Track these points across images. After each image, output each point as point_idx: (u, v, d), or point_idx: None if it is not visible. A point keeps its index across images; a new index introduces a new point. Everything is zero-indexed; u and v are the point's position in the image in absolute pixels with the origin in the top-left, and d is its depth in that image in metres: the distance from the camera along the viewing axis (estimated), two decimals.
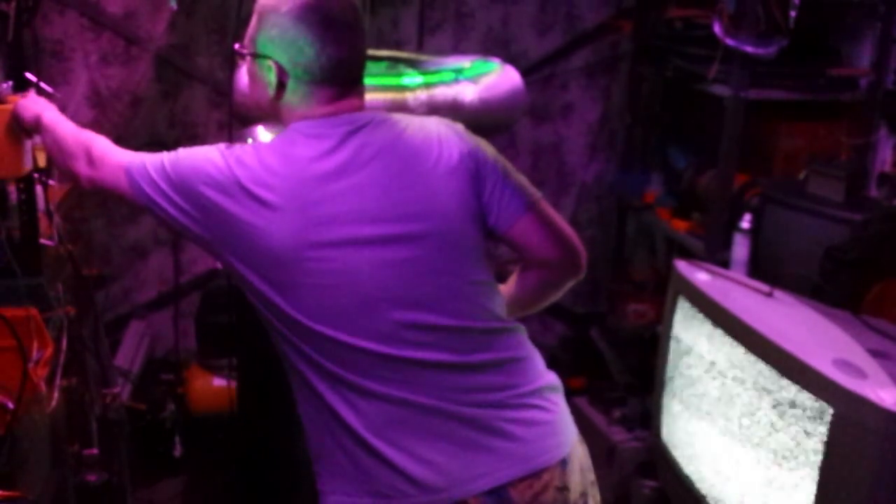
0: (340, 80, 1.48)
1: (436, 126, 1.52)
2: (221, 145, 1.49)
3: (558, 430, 1.52)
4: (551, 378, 1.57)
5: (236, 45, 1.53)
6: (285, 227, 1.40)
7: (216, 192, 1.42)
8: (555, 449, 1.50)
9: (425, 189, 1.46)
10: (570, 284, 1.63)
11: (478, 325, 1.48)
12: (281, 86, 1.46)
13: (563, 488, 1.49)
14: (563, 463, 1.50)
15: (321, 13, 1.44)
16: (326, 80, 1.46)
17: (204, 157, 1.46)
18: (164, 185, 1.46)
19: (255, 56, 1.49)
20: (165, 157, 1.49)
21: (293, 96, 1.47)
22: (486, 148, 1.53)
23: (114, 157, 1.55)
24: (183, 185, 1.45)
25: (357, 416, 1.44)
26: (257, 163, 1.43)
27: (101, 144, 1.59)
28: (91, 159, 1.57)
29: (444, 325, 1.45)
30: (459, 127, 1.55)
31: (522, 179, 1.54)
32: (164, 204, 1.46)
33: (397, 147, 1.47)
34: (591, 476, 1.60)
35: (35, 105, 1.75)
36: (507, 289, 1.64)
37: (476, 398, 1.46)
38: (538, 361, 1.57)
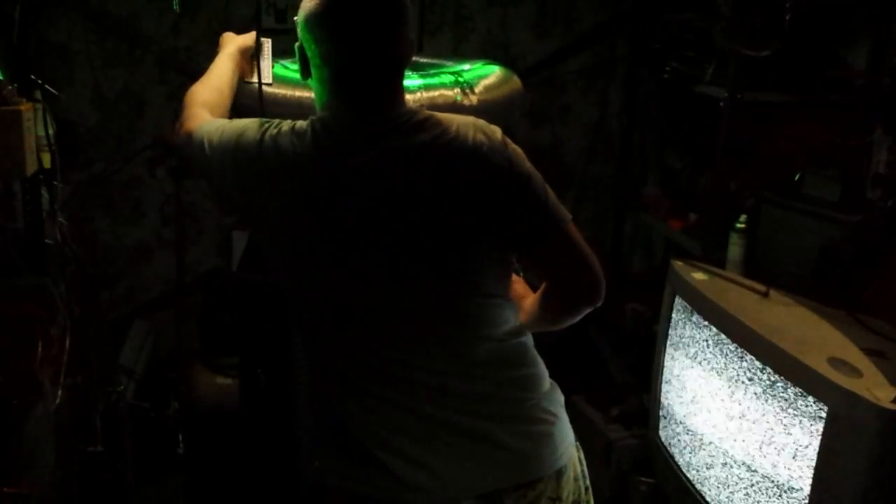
0: None
1: (472, 133, 1.42)
2: None
3: (557, 443, 1.52)
4: (553, 388, 1.57)
5: None
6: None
7: None
8: (552, 461, 1.50)
9: (448, 201, 1.41)
10: (586, 311, 1.54)
11: (484, 336, 1.47)
12: None
13: (556, 499, 1.49)
14: (559, 474, 1.51)
15: None
16: None
17: None
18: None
19: None
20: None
21: None
22: (523, 162, 1.44)
23: None
24: None
25: (358, 415, 1.46)
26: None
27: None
28: None
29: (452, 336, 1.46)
30: (498, 135, 1.44)
31: (554, 199, 1.46)
32: None
33: (435, 153, 1.41)
34: (586, 482, 1.60)
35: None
36: (527, 304, 1.61)
37: (476, 408, 1.46)
38: (541, 371, 1.56)
